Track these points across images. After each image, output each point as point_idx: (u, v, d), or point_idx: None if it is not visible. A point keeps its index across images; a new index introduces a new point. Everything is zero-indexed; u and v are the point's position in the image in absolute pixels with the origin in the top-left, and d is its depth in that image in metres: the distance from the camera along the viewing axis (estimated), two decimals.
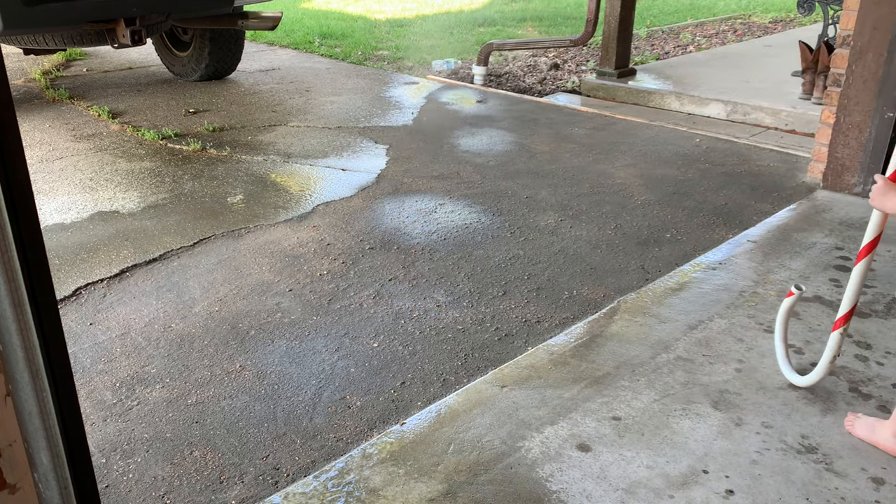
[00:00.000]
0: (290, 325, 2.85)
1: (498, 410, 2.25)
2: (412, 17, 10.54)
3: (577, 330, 2.71)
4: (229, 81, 6.74)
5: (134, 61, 7.54)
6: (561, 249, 3.46)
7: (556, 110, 5.84)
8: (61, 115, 5.65)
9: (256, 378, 2.54)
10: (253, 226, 3.72)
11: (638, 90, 6.36)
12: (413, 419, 2.24)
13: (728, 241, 3.44)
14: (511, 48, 7.27)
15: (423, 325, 2.85)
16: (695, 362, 2.47)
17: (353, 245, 3.50)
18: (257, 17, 5.98)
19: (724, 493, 1.92)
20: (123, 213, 3.89)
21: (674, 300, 2.88)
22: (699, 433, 2.14)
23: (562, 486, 1.94)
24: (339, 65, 7.56)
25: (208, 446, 2.23)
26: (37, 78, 6.79)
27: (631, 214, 3.83)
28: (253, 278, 3.20)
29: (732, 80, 6.42)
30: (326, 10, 11.13)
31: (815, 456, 2.05)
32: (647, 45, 8.55)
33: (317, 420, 2.34)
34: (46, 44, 5.46)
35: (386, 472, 2.01)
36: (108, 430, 2.30)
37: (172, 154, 4.79)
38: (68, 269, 3.28)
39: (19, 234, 0.92)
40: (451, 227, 3.69)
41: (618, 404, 2.27)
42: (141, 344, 2.74)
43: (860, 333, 2.63)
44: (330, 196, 4.09)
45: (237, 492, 2.06)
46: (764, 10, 10.83)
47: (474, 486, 1.95)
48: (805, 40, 6.11)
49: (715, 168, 4.47)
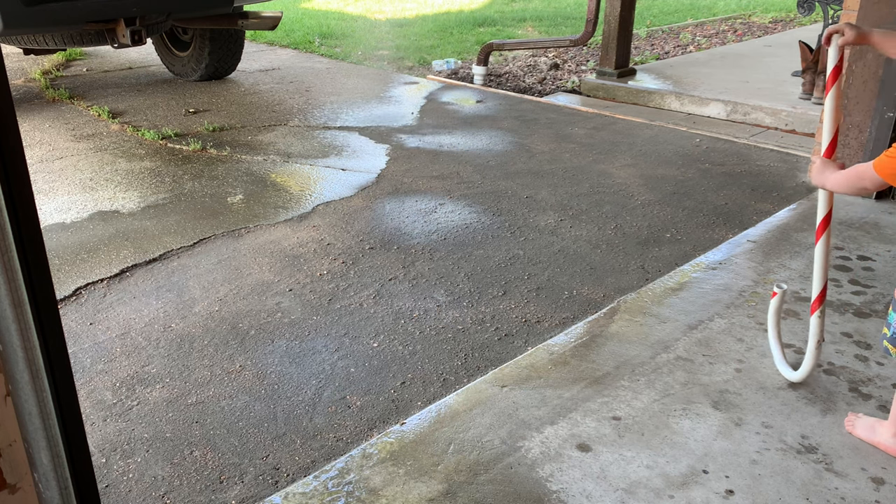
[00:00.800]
0: (290, 325, 2.85)
1: (498, 410, 2.25)
2: (412, 17, 10.54)
3: (577, 330, 2.71)
4: (229, 81, 6.74)
5: (134, 61, 7.54)
6: (561, 249, 3.46)
7: (556, 110, 5.84)
8: (61, 115, 5.65)
9: (256, 378, 2.54)
10: (253, 226, 3.72)
11: (638, 90, 6.36)
12: (413, 419, 2.24)
13: (728, 241, 3.44)
14: (511, 48, 7.27)
15: (423, 325, 2.85)
16: (695, 362, 2.47)
17: (353, 245, 3.50)
18: (257, 17, 5.98)
19: (724, 493, 1.92)
20: (123, 212, 3.89)
21: (674, 300, 2.88)
22: (699, 433, 2.14)
23: (562, 486, 1.94)
24: (339, 65, 7.56)
25: (208, 446, 2.23)
26: (37, 78, 6.79)
27: (631, 214, 3.83)
28: (253, 278, 3.20)
29: (732, 80, 6.42)
30: (326, 10, 11.13)
31: (815, 456, 2.05)
32: (647, 45, 8.55)
33: (317, 420, 2.34)
34: (46, 44, 5.46)
35: (386, 472, 2.01)
36: (108, 430, 2.30)
37: (172, 154, 4.79)
38: (68, 269, 3.28)
39: (19, 234, 0.92)
40: (451, 227, 3.69)
41: (618, 404, 2.27)
42: (141, 344, 2.74)
43: (860, 333, 2.63)
44: (330, 196, 4.09)
45: (237, 492, 2.06)
46: (764, 10, 10.83)
47: (474, 486, 1.95)
48: (805, 40, 6.11)
49: (715, 168, 4.47)
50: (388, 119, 5.55)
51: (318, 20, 10.07)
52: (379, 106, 5.92)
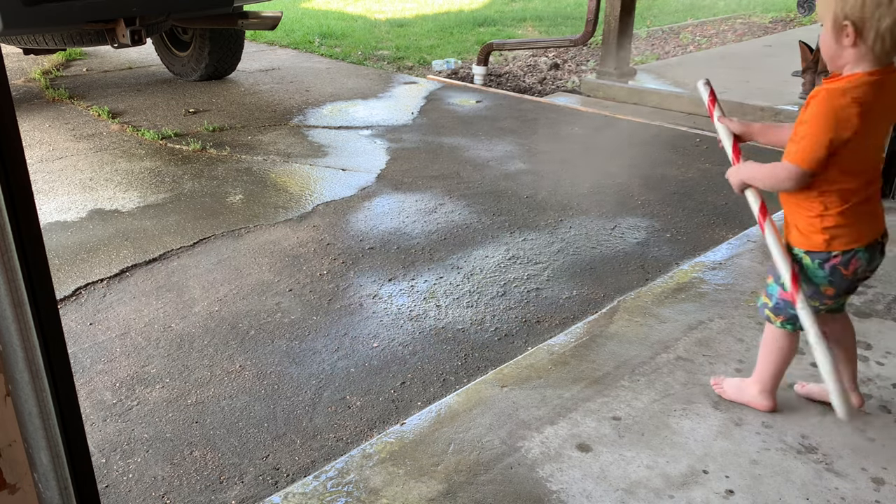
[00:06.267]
0: (290, 325, 2.85)
1: (498, 410, 2.25)
2: (412, 17, 10.54)
3: (577, 330, 2.71)
4: (229, 81, 6.74)
5: (134, 61, 7.54)
6: (561, 249, 3.46)
7: (556, 110, 5.84)
8: (61, 115, 5.65)
9: (256, 378, 2.54)
10: (253, 226, 3.72)
11: (638, 90, 6.36)
12: (413, 419, 2.24)
13: (728, 241, 3.44)
14: (511, 48, 7.26)
15: (423, 325, 2.85)
16: (695, 362, 2.47)
17: (353, 245, 3.50)
18: (257, 17, 5.98)
19: (724, 493, 1.92)
20: (123, 212, 3.89)
21: (674, 300, 2.88)
22: (699, 433, 2.14)
23: (562, 486, 1.94)
24: (338, 65, 7.56)
25: (208, 446, 2.23)
26: (37, 78, 6.79)
27: (631, 214, 3.83)
28: (253, 278, 3.20)
29: (732, 80, 6.42)
30: (326, 10, 11.13)
31: (815, 456, 2.05)
32: (647, 45, 8.55)
33: (317, 420, 2.34)
34: (46, 44, 5.47)
35: (386, 472, 2.01)
36: (108, 430, 2.30)
37: (172, 154, 4.79)
38: (68, 269, 3.28)
39: (19, 234, 0.92)
40: (451, 226, 3.69)
41: (618, 404, 2.27)
42: (141, 344, 2.74)
43: (860, 333, 2.62)
44: (330, 196, 4.09)
45: (237, 492, 2.06)
46: (764, 10, 10.83)
47: (474, 486, 1.95)
48: (805, 40, 6.10)
49: (715, 168, 4.47)
50: (388, 119, 5.55)
51: (318, 20, 10.07)
52: (379, 106, 5.92)
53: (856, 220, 1.85)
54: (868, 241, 1.88)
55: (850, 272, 1.90)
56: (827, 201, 1.85)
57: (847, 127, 1.71)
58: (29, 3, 4.35)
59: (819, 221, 1.87)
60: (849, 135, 1.72)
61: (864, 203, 1.86)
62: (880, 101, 1.75)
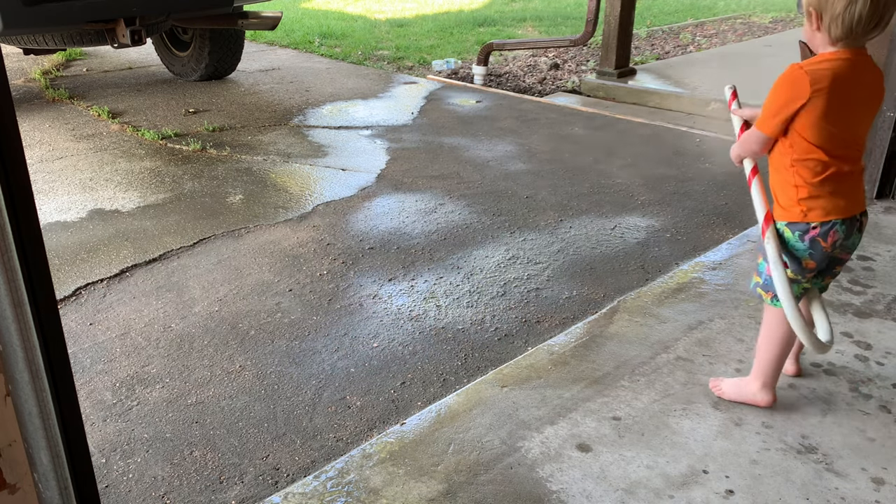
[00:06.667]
0: (290, 325, 2.85)
1: (498, 410, 2.25)
2: (412, 17, 10.54)
3: (577, 330, 2.71)
4: (229, 81, 6.74)
5: (134, 61, 7.54)
6: (561, 249, 3.46)
7: (556, 110, 5.84)
8: (61, 115, 5.65)
9: (256, 378, 2.54)
10: (253, 226, 3.72)
11: (638, 90, 6.36)
12: (413, 419, 2.24)
13: (728, 241, 3.44)
14: (511, 48, 7.26)
15: (423, 325, 2.85)
16: (695, 362, 2.47)
17: (353, 245, 3.50)
18: (257, 17, 5.97)
19: (724, 493, 1.92)
20: (123, 212, 3.89)
21: (674, 300, 2.88)
22: (699, 433, 2.14)
23: (562, 486, 1.94)
24: (338, 65, 7.56)
25: (208, 446, 2.23)
26: (37, 78, 6.79)
27: (631, 214, 3.83)
28: (253, 278, 3.20)
29: (732, 80, 6.40)
30: (326, 10, 11.12)
31: (815, 456, 2.05)
32: (647, 45, 8.55)
33: (317, 420, 2.34)
34: (46, 44, 5.46)
35: (386, 472, 2.01)
36: (108, 430, 2.30)
37: (172, 154, 4.79)
38: (68, 269, 3.28)
39: (19, 234, 0.92)
40: (451, 227, 3.69)
41: (618, 404, 2.27)
42: (141, 344, 2.74)
43: (860, 333, 2.63)
44: (330, 196, 4.09)
45: (237, 492, 2.06)
46: (764, 10, 10.83)
47: (474, 486, 1.95)
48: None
49: (715, 168, 4.47)
50: (388, 119, 5.55)
51: (318, 20, 10.07)
52: (379, 106, 5.92)
53: (831, 193, 1.95)
54: (845, 216, 1.97)
55: (829, 244, 1.99)
56: (801, 171, 1.96)
57: (799, 96, 1.88)
58: (29, 3, 4.35)
59: (795, 192, 1.98)
60: (801, 103, 1.88)
61: (840, 179, 1.95)
62: (848, 83, 1.88)
